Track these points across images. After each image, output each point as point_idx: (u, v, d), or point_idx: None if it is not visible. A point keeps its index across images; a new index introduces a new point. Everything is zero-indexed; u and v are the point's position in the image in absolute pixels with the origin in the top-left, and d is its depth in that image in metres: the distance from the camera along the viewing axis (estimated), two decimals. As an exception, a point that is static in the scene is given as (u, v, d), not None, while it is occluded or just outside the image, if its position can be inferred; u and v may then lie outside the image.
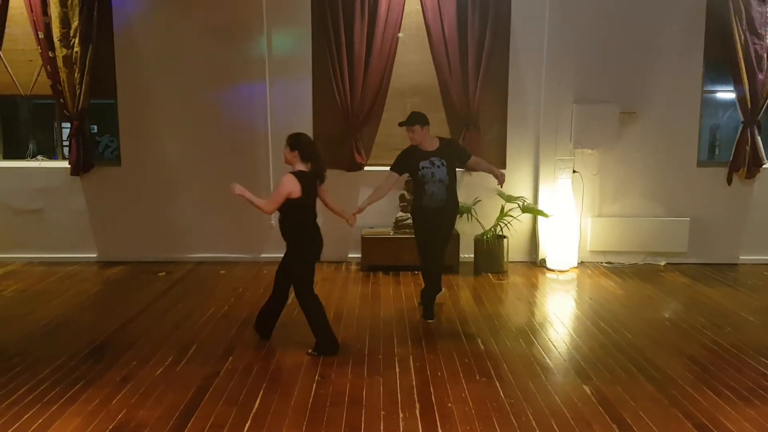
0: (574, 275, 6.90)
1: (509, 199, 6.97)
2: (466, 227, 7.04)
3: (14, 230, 7.27)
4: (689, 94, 7.15)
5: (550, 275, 6.89)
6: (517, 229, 7.16)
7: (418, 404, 3.79)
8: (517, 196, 7.02)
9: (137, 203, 7.28)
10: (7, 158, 7.52)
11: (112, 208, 7.30)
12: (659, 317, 5.54)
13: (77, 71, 6.88)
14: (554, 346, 4.81)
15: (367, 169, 7.17)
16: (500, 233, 7.03)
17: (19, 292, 6.17)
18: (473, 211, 7.06)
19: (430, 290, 5.42)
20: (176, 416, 3.63)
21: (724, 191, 7.29)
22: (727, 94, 7.50)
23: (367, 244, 6.97)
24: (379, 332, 5.04)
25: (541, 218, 7.08)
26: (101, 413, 3.66)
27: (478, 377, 4.19)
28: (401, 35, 7.01)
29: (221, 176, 7.10)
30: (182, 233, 7.30)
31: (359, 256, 7.11)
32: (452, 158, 5.21)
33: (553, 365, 4.43)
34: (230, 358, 4.49)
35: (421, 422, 3.57)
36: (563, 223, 6.98)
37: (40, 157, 7.44)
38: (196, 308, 5.63)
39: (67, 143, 7.33)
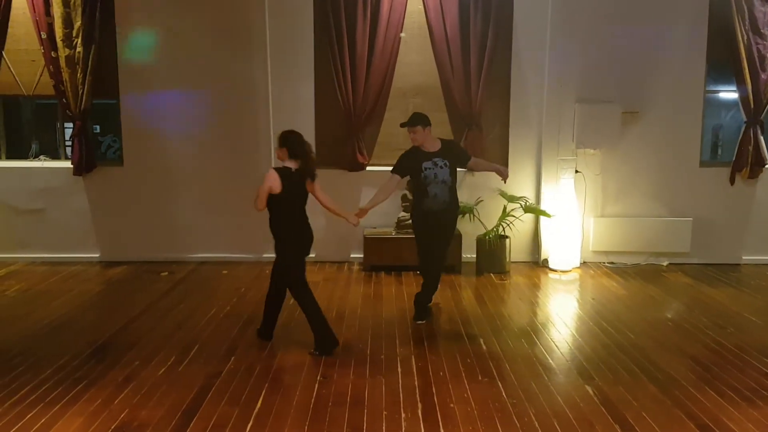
0: (576, 275, 6.89)
1: (511, 199, 6.96)
2: (468, 227, 7.03)
3: (17, 230, 7.28)
4: (692, 93, 7.13)
5: (552, 275, 6.89)
6: (519, 229, 7.16)
7: (420, 404, 3.79)
8: (519, 196, 7.02)
9: (140, 203, 7.29)
10: (9, 158, 7.53)
11: (114, 208, 7.31)
12: (662, 318, 5.54)
13: (80, 71, 6.89)
14: (557, 346, 4.81)
15: (369, 169, 7.17)
16: (502, 233, 7.02)
17: (21, 291, 6.18)
18: (475, 211, 7.05)
19: (427, 292, 5.38)
20: (178, 416, 3.63)
21: (726, 191, 7.27)
22: (729, 93, 7.48)
23: (369, 244, 6.97)
24: (381, 332, 5.04)
25: (543, 218, 7.07)
26: (103, 413, 3.66)
27: (480, 377, 4.19)
28: (403, 35, 7.01)
29: (224, 176, 7.14)
30: (185, 233, 7.30)
31: (361, 256, 7.12)
32: (454, 159, 5.20)
33: (555, 365, 4.42)
34: (232, 358, 4.49)
35: (423, 423, 3.56)
36: (566, 223, 6.97)
37: (42, 157, 7.45)
38: (198, 308, 5.64)
39: (69, 143, 7.33)
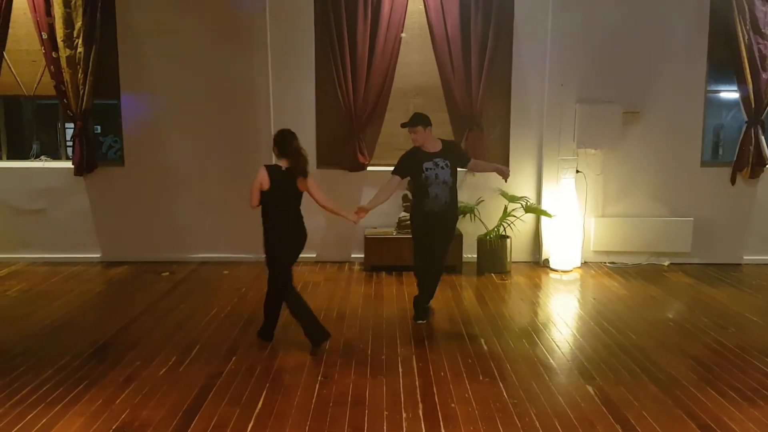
0: (577, 275, 6.89)
1: (512, 199, 6.96)
2: (469, 227, 7.03)
3: (18, 230, 7.29)
4: (693, 93, 7.13)
5: (553, 275, 6.88)
6: (520, 229, 7.15)
7: (421, 404, 3.79)
8: (520, 196, 7.02)
9: (140, 203, 7.29)
10: (10, 158, 7.54)
11: (115, 208, 7.31)
12: (663, 318, 5.53)
13: (81, 72, 6.90)
14: (557, 346, 4.81)
15: (369, 169, 7.17)
16: (503, 233, 7.02)
17: (22, 292, 6.18)
18: (476, 211, 7.05)
19: (425, 294, 5.37)
20: (179, 416, 3.63)
21: (727, 191, 7.27)
22: (730, 93, 7.47)
23: (370, 244, 6.97)
24: (382, 332, 5.04)
25: (544, 218, 7.07)
26: (104, 413, 3.67)
27: (481, 378, 4.19)
28: (404, 35, 7.01)
29: (224, 177, 7.14)
30: (185, 233, 7.31)
31: (362, 256, 7.12)
32: (455, 159, 5.19)
33: (556, 366, 4.42)
34: (233, 358, 4.49)
35: (424, 423, 3.56)
36: (566, 223, 6.97)
37: (43, 157, 7.45)
38: (199, 308, 5.64)
39: (70, 143, 7.35)
